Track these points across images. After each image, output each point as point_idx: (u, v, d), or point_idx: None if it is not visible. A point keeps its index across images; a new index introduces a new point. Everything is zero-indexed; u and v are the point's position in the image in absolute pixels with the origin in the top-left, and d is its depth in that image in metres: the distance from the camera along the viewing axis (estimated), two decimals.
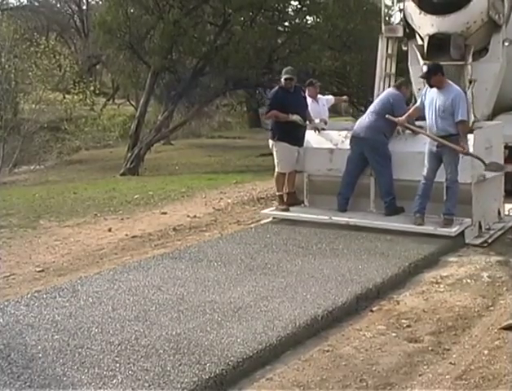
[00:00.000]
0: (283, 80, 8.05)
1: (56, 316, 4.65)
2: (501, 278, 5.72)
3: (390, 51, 8.84)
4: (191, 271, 5.72)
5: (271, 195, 10.32)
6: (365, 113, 8.04)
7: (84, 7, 36.50)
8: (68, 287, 5.36)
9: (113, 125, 25.41)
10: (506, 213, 8.03)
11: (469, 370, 3.92)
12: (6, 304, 4.97)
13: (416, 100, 7.67)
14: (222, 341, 4.13)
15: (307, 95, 8.51)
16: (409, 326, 4.63)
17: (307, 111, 8.20)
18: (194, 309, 4.73)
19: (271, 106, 8.07)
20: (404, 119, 7.29)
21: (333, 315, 4.71)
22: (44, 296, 5.13)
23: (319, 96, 9.14)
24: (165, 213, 9.25)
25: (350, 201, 7.70)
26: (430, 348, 4.25)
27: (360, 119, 8.06)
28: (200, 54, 17.89)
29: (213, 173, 15.81)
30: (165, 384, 3.58)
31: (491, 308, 5.00)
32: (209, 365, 3.79)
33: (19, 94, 21.12)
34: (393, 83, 8.62)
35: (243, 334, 4.23)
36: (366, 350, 4.21)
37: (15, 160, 19.73)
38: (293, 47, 18.28)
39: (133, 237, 7.73)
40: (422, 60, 8.04)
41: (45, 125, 21.70)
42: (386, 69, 8.84)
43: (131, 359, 3.88)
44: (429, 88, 7.03)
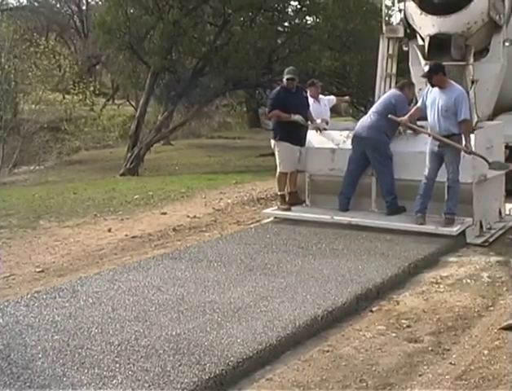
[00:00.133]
0: (285, 80, 8.07)
1: (56, 316, 4.64)
2: (501, 278, 5.72)
3: (390, 51, 8.84)
4: (191, 271, 5.72)
5: (271, 196, 10.32)
6: (367, 113, 8.06)
7: (84, 8, 36.52)
8: (68, 287, 5.36)
9: (113, 126, 25.42)
10: (507, 213, 8.05)
11: (469, 370, 3.92)
12: (6, 304, 4.96)
13: (417, 101, 7.67)
14: (222, 341, 4.13)
15: (309, 95, 8.52)
16: (409, 326, 4.63)
17: (309, 111, 8.22)
18: (194, 309, 4.73)
19: (273, 106, 8.07)
20: (407, 118, 7.30)
21: (333, 315, 4.71)
22: (44, 296, 5.12)
23: (320, 96, 9.15)
24: (164, 214, 9.25)
25: (351, 201, 7.72)
26: (430, 348, 4.25)
27: (362, 119, 8.08)
28: (199, 54, 17.89)
29: (213, 173, 15.80)
30: (165, 385, 3.58)
31: (491, 308, 5.00)
32: (209, 365, 3.79)
33: (18, 95, 21.12)
34: (394, 83, 8.63)
35: (243, 334, 4.23)
36: (366, 350, 4.21)
37: (15, 161, 19.71)
38: (292, 47, 18.28)
39: (133, 237, 7.73)
40: (424, 60, 8.05)
41: (45, 126, 21.69)
42: (387, 69, 8.85)
43: (131, 359, 3.88)
44: (430, 88, 7.03)
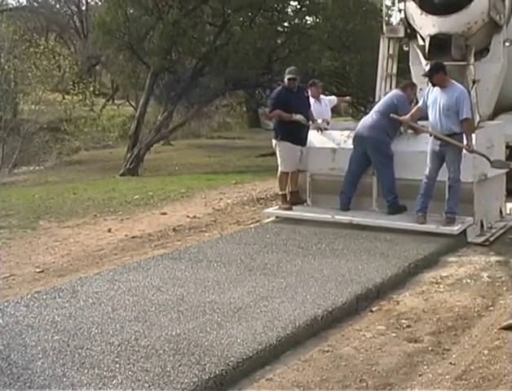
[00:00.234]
0: (286, 80, 8.08)
1: (56, 317, 4.64)
2: (501, 278, 5.72)
3: (391, 51, 8.86)
4: (190, 272, 5.72)
5: (271, 196, 10.34)
6: (369, 113, 8.07)
7: (83, 8, 36.55)
8: (68, 287, 5.36)
9: (113, 126, 25.43)
10: (508, 212, 8.06)
11: (469, 370, 3.92)
12: (5, 305, 4.96)
13: (417, 101, 7.67)
14: (221, 342, 4.12)
15: (310, 95, 8.53)
16: (409, 326, 4.63)
17: (310, 111, 8.23)
18: (194, 309, 4.73)
19: (275, 105, 8.08)
20: (409, 118, 7.31)
21: (333, 315, 4.71)
22: (44, 296, 5.12)
23: (321, 96, 9.16)
24: (164, 214, 9.25)
25: (352, 200, 7.74)
26: (430, 348, 4.25)
27: (364, 118, 8.11)
28: (199, 54, 17.89)
29: (212, 173, 15.80)
30: (165, 385, 3.58)
31: (490, 308, 5.00)
32: (208, 365, 3.79)
33: (18, 95, 21.12)
34: (394, 83, 8.65)
35: (243, 334, 4.23)
36: (366, 350, 4.21)
37: (15, 161, 19.71)
38: (292, 47, 18.28)
39: (132, 237, 7.74)
40: (425, 60, 8.06)
41: (44, 126, 21.70)
42: (388, 69, 8.87)
43: (131, 360, 3.88)
44: (431, 88, 7.03)
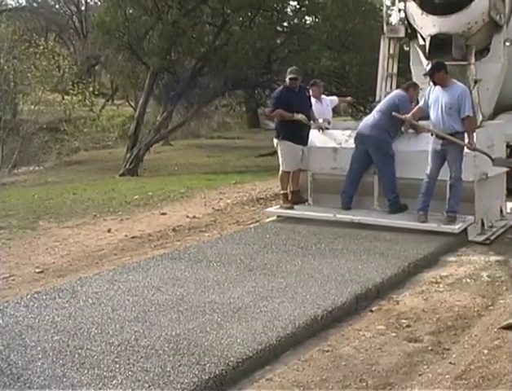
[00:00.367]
0: (288, 79, 8.09)
1: (56, 317, 4.64)
2: (501, 277, 5.72)
3: (392, 51, 8.88)
4: (190, 272, 5.72)
5: (271, 196, 10.35)
6: (371, 112, 8.10)
7: (83, 8, 36.58)
8: (68, 288, 5.35)
9: (112, 126, 25.43)
10: (508, 211, 8.08)
11: (468, 369, 3.92)
12: (5, 305, 4.96)
13: (418, 101, 7.69)
14: (221, 342, 4.12)
15: (311, 95, 8.54)
16: (409, 326, 4.63)
17: (311, 110, 8.25)
18: (194, 309, 4.72)
19: (276, 105, 8.10)
20: (411, 116, 7.32)
21: (333, 315, 4.71)
22: (44, 297, 5.12)
23: (322, 96, 9.17)
24: (164, 214, 9.26)
25: (354, 199, 7.76)
26: (430, 348, 4.25)
27: (366, 118, 8.15)
28: (199, 54, 17.90)
29: (212, 173, 15.80)
30: (164, 385, 3.58)
31: (490, 307, 5.00)
32: (208, 365, 3.79)
33: (18, 95, 21.10)
34: (395, 83, 8.67)
35: (243, 334, 4.23)
36: (366, 350, 4.21)
37: (15, 161, 19.68)
38: (292, 47, 18.29)
39: (132, 238, 7.74)
40: (426, 60, 8.07)
41: (44, 126, 21.66)
42: (388, 69, 8.89)
43: (131, 360, 3.88)
44: (433, 87, 7.04)
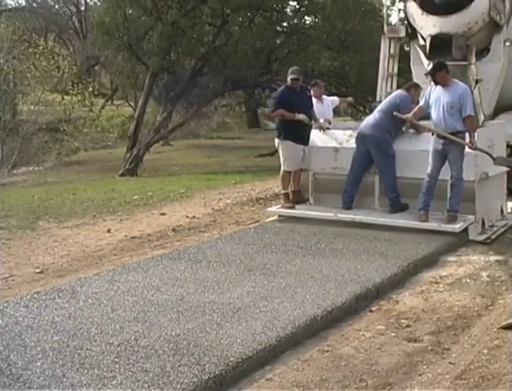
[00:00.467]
0: (289, 80, 8.10)
1: (56, 317, 4.64)
2: (501, 277, 5.72)
3: (392, 51, 8.89)
4: (190, 272, 5.72)
5: (270, 196, 10.35)
6: (373, 112, 8.11)
7: (82, 8, 36.59)
8: (68, 288, 5.35)
9: (112, 126, 25.42)
10: (508, 211, 8.10)
11: (468, 369, 3.92)
12: (5, 305, 4.96)
13: (418, 101, 7.70)
14: (221, 342, 4.12)
15: (312, 95, 8.55)
16: (409, 326, 4.63)
17: (313, 110, 8.26)
18: (193, 309, 4.72)
19: (278, 105, 8.11)
20: (412, 116, 7.33)
21: (333, 315, 4.71)
22: (43, 297, 5.12)
23: (323, 97, 9.18)
24: (164, 214, 9.25)
25: (354, 199, 7.78)
26: (430, 347, 4.25)
27: (367, 118, 8.19)
28: (198, 54, 17.90)
29: (212, 173, 15.80)
30: (164, 385, 3.58)
31: (490, 307, 5.00)
32: (208, 365, 3.79)
33: (17, 96, 21.09)
34: (395, 83, 8.69)
35: (242, 334, 4.23)
36: (365, 350, 4.21)
37: (14, 162, 19.67)
38: (291, 47, 18.30)
39: (132, 238, 7.73)
40: (427, 60, 8.08)
41: (43, 127, 21.65)
42: (389, 69, 8.90)
43: (131, 360, 3.88)
44: (433, 87, 7.06)
